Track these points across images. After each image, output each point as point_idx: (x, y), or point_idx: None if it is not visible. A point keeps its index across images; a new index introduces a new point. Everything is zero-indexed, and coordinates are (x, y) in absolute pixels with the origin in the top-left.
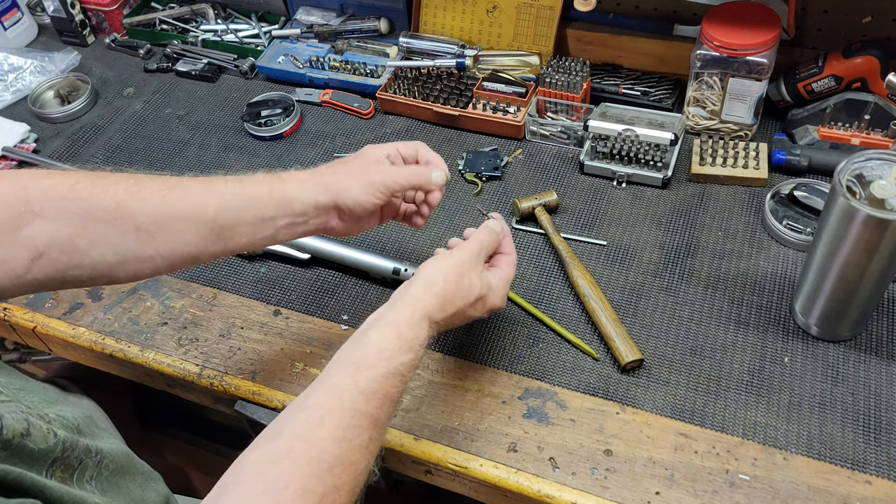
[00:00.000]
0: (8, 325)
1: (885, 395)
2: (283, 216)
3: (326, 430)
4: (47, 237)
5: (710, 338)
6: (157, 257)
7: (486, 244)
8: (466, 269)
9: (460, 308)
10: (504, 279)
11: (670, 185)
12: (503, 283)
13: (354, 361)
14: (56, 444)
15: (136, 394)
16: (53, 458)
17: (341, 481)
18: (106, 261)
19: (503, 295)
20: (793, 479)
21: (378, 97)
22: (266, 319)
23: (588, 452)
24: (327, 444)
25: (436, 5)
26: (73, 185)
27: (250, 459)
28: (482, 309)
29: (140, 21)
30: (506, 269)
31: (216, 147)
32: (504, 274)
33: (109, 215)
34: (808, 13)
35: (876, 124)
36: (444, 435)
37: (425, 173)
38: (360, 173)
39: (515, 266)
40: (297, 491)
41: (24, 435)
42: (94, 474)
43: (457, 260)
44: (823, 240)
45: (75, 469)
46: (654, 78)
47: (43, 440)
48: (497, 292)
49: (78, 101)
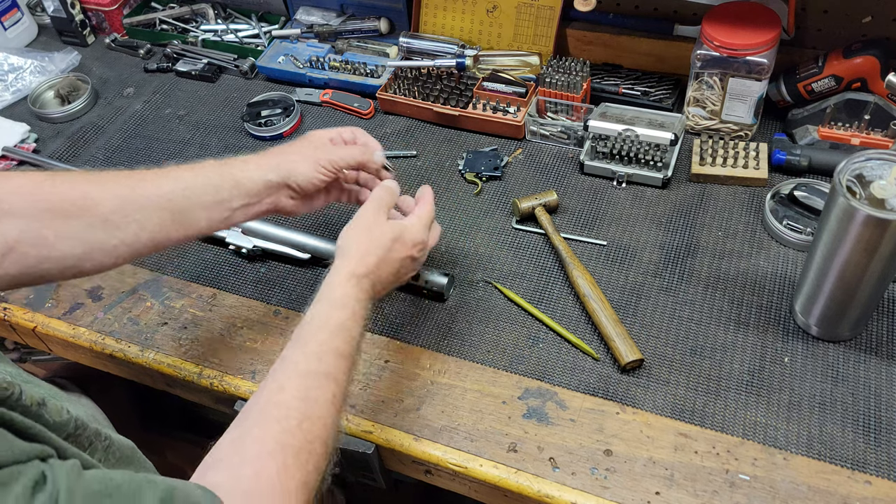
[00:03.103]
0: (8, 325)
1: (885, 395)
2: (236, 197)
3: (288, 393)
4: (17, 232)
5: (710, 338)
6: (121, 246)
7: (383, 197)
8: (370, 222)
9: (381, 256)
10: (418, 216)
11: (670, 185)
12: (417, 220)
13: (298, 336)
14: (69, 419)
15: (136, 394)
16: (67, 433)
17: (312, 434)
18: (74, 253)
19: (421, 228)
20: (793, 479)
21: (378, 97)
22: (266, 319)
23: (588, 452)
24: (292, 403)
25: (436, 5)
26: (41, 182)
27: (225, 440)
28: (406, 248)
29: (140, 21)
30: (421, 211)
31: (216, 147)
32: (418, 212)
33: (77, 209)
34: (808, 13)
35: (876, 124)
36: (444, 435)
37: (368, 151)
38: (307, 152)
39: (431, 206)
40: (274, 447)
41: (41, 405)
42: (101, 458)
43: (358, 217)
44: (823, 240)
45: (86, 449)
46: (654, 78)
47: (57, 414)
48: (413, 227)
49: (78, 101)
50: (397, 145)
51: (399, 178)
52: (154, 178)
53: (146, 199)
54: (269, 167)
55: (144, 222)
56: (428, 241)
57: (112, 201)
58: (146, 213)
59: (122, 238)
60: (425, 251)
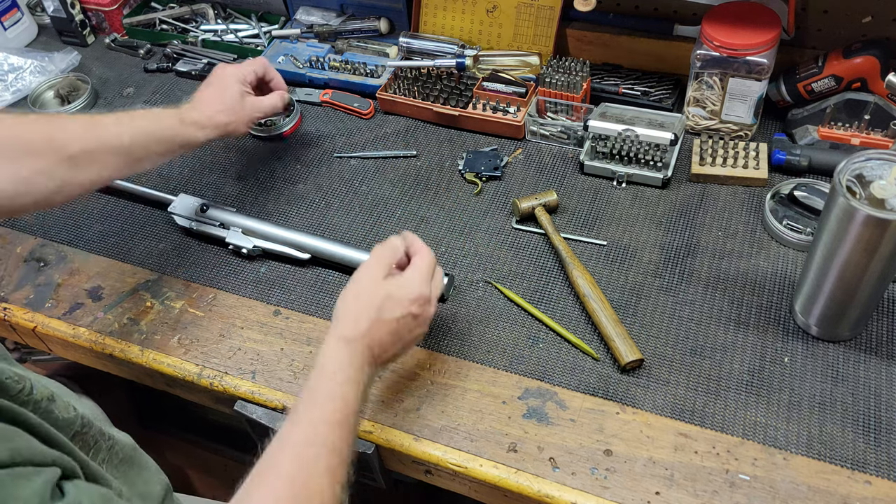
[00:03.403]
0: (8, 325)
1: (885, 395)
2: (181, 149)
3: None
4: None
5: (710, 338)
6: (86, 182)
7: (382, 256)
8: (363, 284)
9: (373, 317)
10: (415, 267)
11: (670, 185)
12: (413, 272)
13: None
14: (76, 417)
15: (136, 394)
16: (74, 431)
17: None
18: (48, 187)
19: (419, 281)
20: (793, 479)
21: (378, 97)
22: (266, 319)
23: (588, 452)
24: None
25: (436, 5)
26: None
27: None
28: (401, 305)
29: (140, 21)
30: (417, 262)
31: (216, 147)
32: (415, 263)
33: (46, 148)
34: (808, 13)
35: (876, 124)
36: (444, 435)
37: (284, 98)
38: (239, 110)
39: (429, 256)
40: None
41: (50, 400)
42: (105, 458)
43: (352, 279)
44: (823, 240)
45: (91, 448)
46: (654, 78)
47: (65, 410)
48: (407, 282)
49: (78, 101)
50: (397, 145)
51: (399, 178)
52: (115, 126)
53: (108, 146)
54: (216, 130)
55: (106, 163)
56: (432, 294)
57: (76, 143)
58: (106, 155)
59: (87, 176)
60: (428, 305)
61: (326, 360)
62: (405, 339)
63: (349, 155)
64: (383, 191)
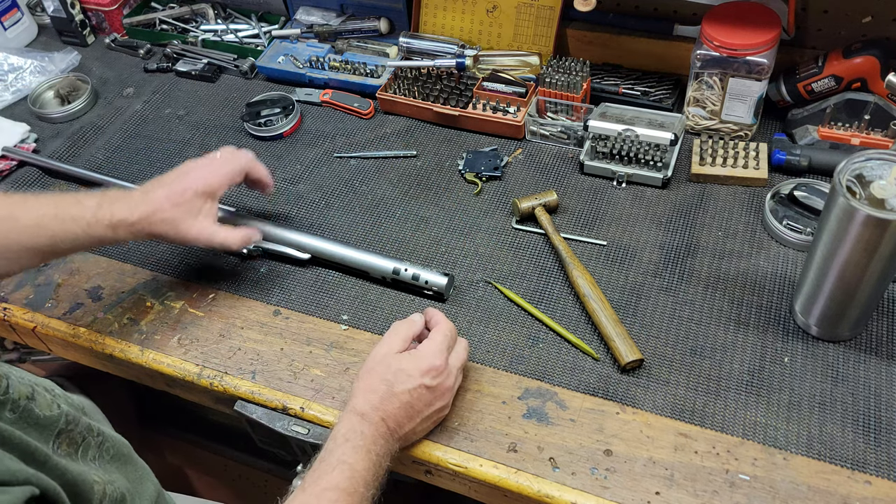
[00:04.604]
0: (8, 325)
1: (885, 395)
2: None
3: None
4: None
5: (710, 338)
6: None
7: (399, 331)
8: (378, 358)
9: (385, 391)
10: (430, 341)
11: (670, 185)
12: (429, 344)
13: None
14: (60, 415)
15: (135, 394)
16: (59, 429)
17: None
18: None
19: (433, 353)
20: (793, 479)
21: (378, 97)
22: (266, 319)
23: (588, 452)
24: None
25: (436, 5)
26: None
27: None
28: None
29: (140, 21)
30: (433, 335)
31: (216, 147)
32: (432, 336)
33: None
34: (808, 13)
35: (876, 124)
36: (444, 435)
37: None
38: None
39: (448, 329)
40: None
41: (30, 398)
42: (95, 454)
43: (371, 354)
44: (823, 240)
45: (79, 445)
46: (654, 78)
47: (47, 408)
48: (420, 355)
49: (78, 101)
50: (397, 145)
51: (399, 178)
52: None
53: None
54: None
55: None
56: (448, 365)
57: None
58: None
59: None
60: (443, 376)
61: (338, 430)
62: (423, 412)
63: (349, 155)
64: (383, 191)
